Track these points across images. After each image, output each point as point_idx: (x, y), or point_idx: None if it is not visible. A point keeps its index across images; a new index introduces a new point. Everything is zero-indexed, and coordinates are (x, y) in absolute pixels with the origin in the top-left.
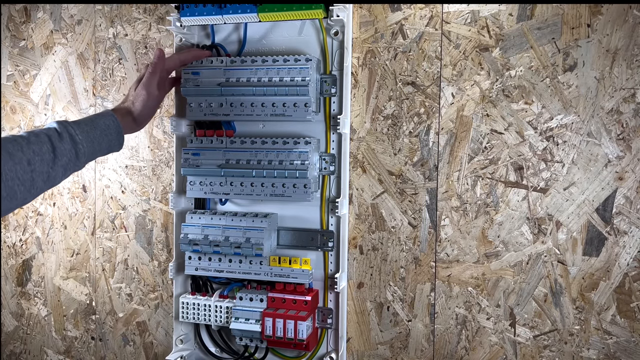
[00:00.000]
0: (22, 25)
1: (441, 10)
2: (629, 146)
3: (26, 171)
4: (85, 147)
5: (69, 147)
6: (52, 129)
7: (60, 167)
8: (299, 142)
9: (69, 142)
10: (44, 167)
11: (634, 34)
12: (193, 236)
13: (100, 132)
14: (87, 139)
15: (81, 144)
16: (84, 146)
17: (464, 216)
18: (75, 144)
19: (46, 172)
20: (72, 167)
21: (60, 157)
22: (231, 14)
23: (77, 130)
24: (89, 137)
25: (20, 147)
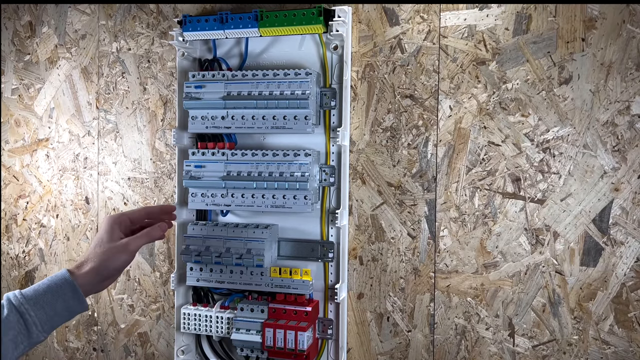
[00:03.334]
0: (27, 40)
1: (438, 24)
2: (624, 158)
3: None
4: (35, 316)
5: (15, 319)
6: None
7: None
8: (299, 154)
9: (15, 314)
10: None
11: (628, 48)
12: (194, 247)
13: (52, 295)
14: (35, 307)
15: (27, 314)
16: (31, 316)
17: (463, 227)
18: (22, 315)
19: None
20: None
21: (5, 332)
22: (232, 29)
23: (23, 300)
24: (38, 303)
25: None
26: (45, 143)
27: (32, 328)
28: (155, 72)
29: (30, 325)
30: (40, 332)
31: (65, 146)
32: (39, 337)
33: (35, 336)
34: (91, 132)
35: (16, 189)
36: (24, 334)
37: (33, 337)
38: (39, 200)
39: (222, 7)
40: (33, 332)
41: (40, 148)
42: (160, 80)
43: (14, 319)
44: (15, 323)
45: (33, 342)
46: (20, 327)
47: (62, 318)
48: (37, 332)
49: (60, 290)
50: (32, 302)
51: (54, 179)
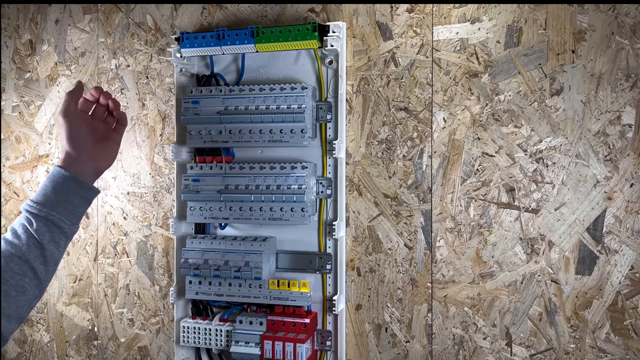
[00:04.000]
0: (27, 58)
1: (431, 38)
2: (616, 167)
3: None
4: (57, 214)
5: (43, 224)
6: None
7: (49, 244)
8: (296, 167)
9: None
10: (33, 251)
11: (617, 59)
12: (193, 261)
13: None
14: (52, 207)
15: (50, 214)
16: (54, 215)
17: (459, 237)
18: (47, 218)
19: (40, 256)
20: (60, 236)
21: (42, 236)
22: (229, 45)
23: (39, 206)
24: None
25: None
26: (45, 159)
27: (61, 224)
28: (153, 88)
29: (59, 222)
30: (70, 225)
31: None
32: (72, 229)
33: (69, 229)
34: None
35: (17, 205)
36: (57, 232)
37: (66, 231)
38: None
39: (220, 24)
40: (65, 227)
41: (40, 164)
42: (158, 96)
43: (42, 224)
44: (45, 227)
45: (69, 235)
46: (51, 228)
47: (82, 207)
48: (68, 226)
49: (67, 186)
50: (49, 205)
51: None
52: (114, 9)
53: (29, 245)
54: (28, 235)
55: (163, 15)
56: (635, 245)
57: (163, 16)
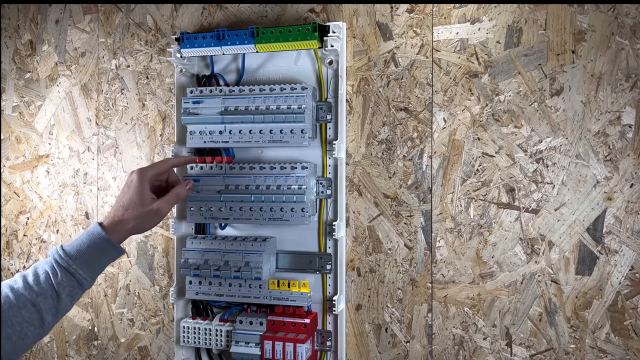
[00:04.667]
0: (27, 58)
1: (431, 38)
2: (616, 167)
3: (32, 312)
4: (83, 274)
5: (67, 279)
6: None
7: (66, 297)
8: (296, 167)
9: (66, 275)
10: (49, 302)
11: (617, 59)
12: (193, 261)
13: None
14: (81, 266)
15: (77, 273)
16: (80, 274)
17: (459, 237)
18: (73, 275)
19: (54, 307)
20: (79, 291)
21: (62, 290)
22: (229, 45)
23: (70, 262)
24: (84, 262)
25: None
26: (45, 159)
27: (83, 282)
28: (153, 88)
29: (82, 281)
30: (89, 282)
31: (65, 162)
32: (90, 285)
33: (88, 286)
34: (91, 148)
35: (17, 205)
36: (78, 288)
37: (85, 288)
38: (40, 216)
39: (220, 24)
40: (85, 285)
41: (40, 164)
42: (158, 96)
43: (66, 279)
44: (68, 282)
45: (85, 290)
46: (73, 284)
47: (105, 266)
48: (88, 283)
49: (102, 249)
50: (79, 262)
51: (54, 194)
52: (114, 9)
53: (46, 296)
54: (49, 285)
55: (163, 15)
56: (635, 246)
57: (163, 16)
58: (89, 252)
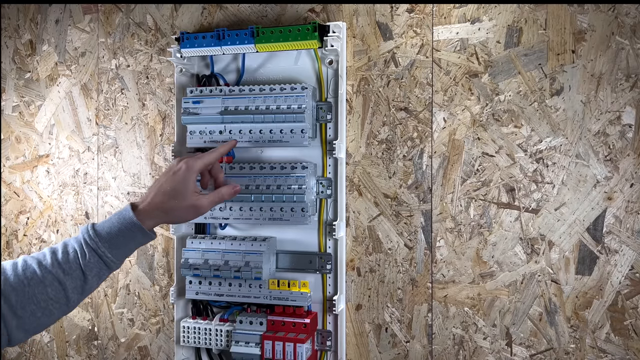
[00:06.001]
0: (27, 58)
1: (431, 38)
2: (616, 167)
3: (58, 290)
4: (112, 257)
5: (95, 261)
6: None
7: (92, 278)
8: (296, 167)
9: (94, 257)
10: (76, 282)
11: (617, 59)
12: (193, 261)
13: (124, 238)
14: (110, 248)
15: (105, 256)
16: (109, 257)
17: (459, 237)
18: (101, 257)
19: (80, 287)
20: (106, 272)
21: (89, 272)
22: (229, 45)
23: (99, 244)
24: (113, 245)
25: (50, 269)
26: (45, 159)
27: (110, 265)
28: (153, 88)
29: (109, 263)
30: (118, 264)
31: (65, 162)
32: (117, 267)
33: (115, 268)
34: (91, 148)
35: (17, 205)
36: (105, 270)
37: (112, 270)
38: (40, 216)
39: (220, 24)
40: (113, 267)
41: (40, 164)
42: (158, 96)
43: (94, 260)
44: (95, 263)
45: (112, 272)
46: (100, 266)
47: (134, 250)
48: (116, 266)
49: (132, 234)
50: (108, 245)
51: (54, 194)
52: (114, 9)
53: (73, 275)
54: (77, 265)
55: (163, 15)
56: (635, 245)
57: (163, 16)
58: (118, 236)
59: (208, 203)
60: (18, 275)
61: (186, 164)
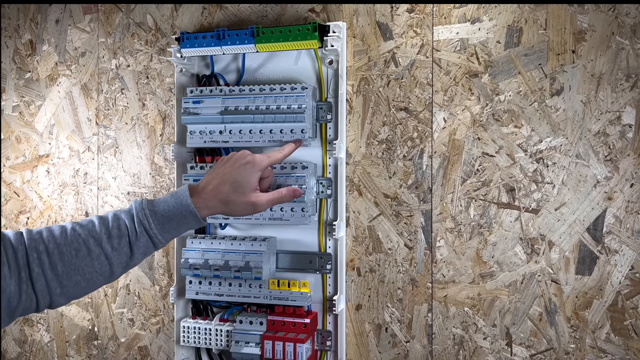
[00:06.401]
0: (27, 58)
1: (431, 38)
2: (616, 167)
3: (104, 264)
4: (162, 238)
5: (144, 241)
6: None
7: (139, 255)
8: (296, 167)
9: (145, 237)
10: (122, 258)
11: (617, 59)
12: (193, 261)
13: (177, 222)
14: (162, 231)
15: (156, 237)
16: (159, 239)
17: (459, 237)
18: (151, 238)
19: (125, 262)
20: (152, 251)
21: (137, 250)
22: (230, 45)
23: (152, 224)
24: (165, 229)
25: (99, 243)
26: (45, 159)
27: (158, 245)
28: (154, 88)
29: (157, 244)
30: (163, 245)
31: (65, 162)
32: (162, 247)
33: (160, 247)
34: (91, 148)
35: (17, 205)
36: (151, 249)
37: (158, 249)
38: (40, 216)
39: (220, 24)
40: (158, 247)
41: (40, 164)
42: (158, 96)
43: (144, 240)
44: (144, 243)
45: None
46: (148, 245)
47: (181, 234)
48: (161, 247)
49: (185, 219)
50: (160, 227)
51: (55, 194)
52: (114, 9)
53: (121, 252)
54: (127, 242)
55: (163, 15)
56: (635, 245)
57: (163, 16)
58: (172, 220)
59: (267, 202)
60: (67, 244)
61: (254, 159)
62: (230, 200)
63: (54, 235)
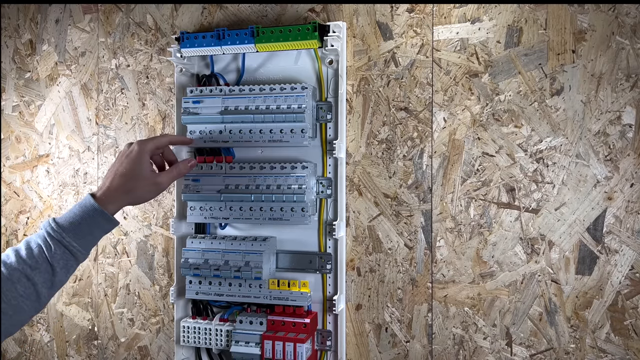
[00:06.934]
0: (27, 58)
1: (431, 38)
2: (616, 167)
3: (27, 286)
4: (77, 246)
5: (61, 252)
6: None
7: (60, 270)
8: (296, 167)
9: (60, 248)
10: (44, 276)
11: (617, 59)
12: (193, 260)
13: (88, 225)
14: (75, 238)
15: (71, 245)
16: (74, 247)
17: (459, 237)
18: (67, 247)
19: (49, 280)
20: (74, 264)
21: (57, 264)
22: (229, 45)
23: (63, 234)
24: (77, 235)
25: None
26: (45, 159)
27: (77, 255)
28: (153, 88)
29: (76, 253)
30: (84, 254)
31: (65, 162)
32: (84, 258)
33: (82, 259)
34: (91, 148)
35: (17, 205)
36: (72, 260)
37: (80, 260)
38: (40, 216)
39: (220, 24)
40: (80, 257)
41: (40, 164)
42: (158, 96)
43: (60, 251)
44: (62, 255)
45: (80, 263)
46: (67, 257)
47: (99, 238)
48: (83, 255)
49: (95, 220)
50: (72, 235)
51: (54, 194)
52: (114, 9)
53: (40, 269)
54: (43, 258)
55: (163, 15)
56: (635, 245)
57: (163, 16)
58: (81, 224)
59: (167, 179)
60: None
61: (138, 145)
62: (130, 188)
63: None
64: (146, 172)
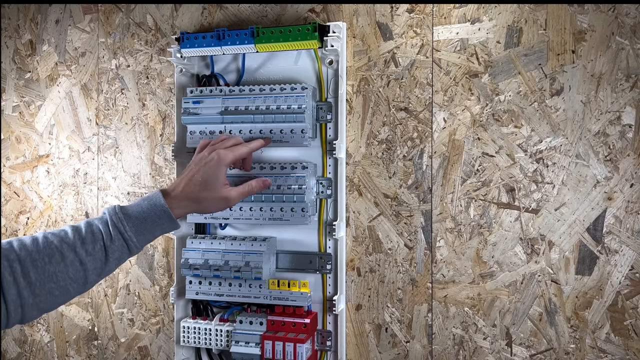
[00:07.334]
0: (27, 58)
1: (431, 38)
2: (616, 167)
3: (78, 270)
4: (136, 241)
5: (119, 244)
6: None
7: (113, 261)
8: (296, 167)
9: (120, 240)
10: (97, 264)
11: (617, 59)
12: (193, 261)
13: (151, 224)
14: (136, 233)
15: (131, 240)
16: (133, 242)
17: (459, 237)
18: (126, 241)
19: (99, 268)
20: (126, 257)
21: (112, 254)
22: (230, 45)
23: (127, 227)
24: (139, 231)
25: (73, 249)
26: (45, 159)
27: (133, 250)
28: (154, 88)
29: (132, 248)
30: (138, 250)
31: (65, 162)
32: (136, 253)
33: (135, 254)
34: (91, 148)
35: (17, 205)
36: (126, 254)
37: (133, 254)
38: (40, 216)
39: (220, 24)
40: (134, 252)
41: (40, 164)
42: (158, 96)
43: (119, 244)
44: (119, 247)
45: (130, 257)
46: (123, 249)
47: (156, 238)
48: (136, 252)
49: (160, 220)
50: (134, 229)
51: (55, 194)
52: (114, 9)
53: (95, 257)
54: (100, 246)
55: (163, 15)
56: (635, 245)
57: (163, 16)
58: (146, 221)
59: (237, 195)
60: (40, 251)
61: (218, 156)
62: (201, 198)
63: (24, 244)
64: (220, 185)
